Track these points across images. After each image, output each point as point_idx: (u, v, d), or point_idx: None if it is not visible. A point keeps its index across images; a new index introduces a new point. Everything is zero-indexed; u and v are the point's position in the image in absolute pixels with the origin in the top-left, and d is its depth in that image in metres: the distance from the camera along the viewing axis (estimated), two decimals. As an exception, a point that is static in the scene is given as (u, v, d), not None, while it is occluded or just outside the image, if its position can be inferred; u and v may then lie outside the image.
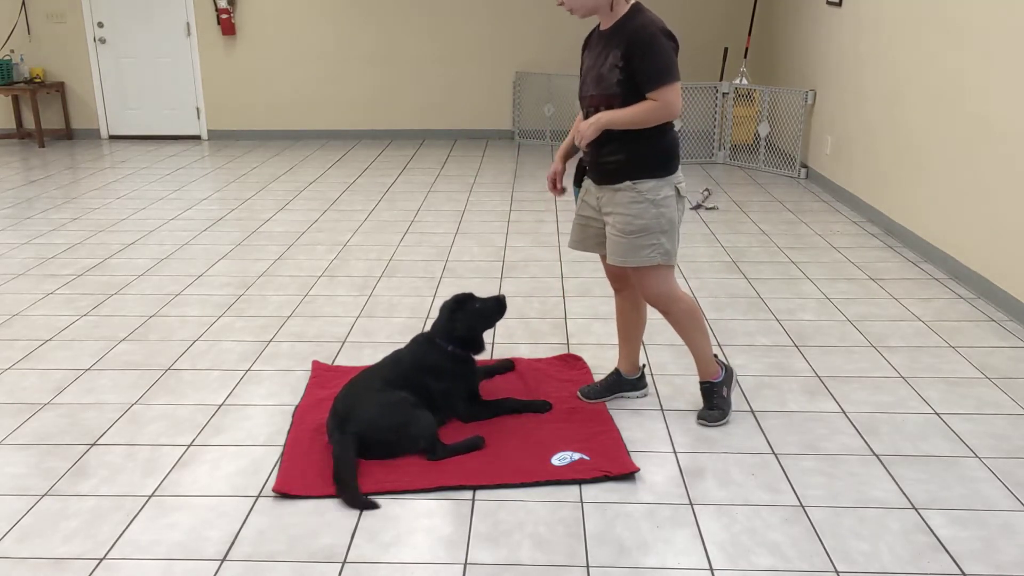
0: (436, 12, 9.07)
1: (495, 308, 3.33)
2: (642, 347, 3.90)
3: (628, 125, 2.86)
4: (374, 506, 2.69)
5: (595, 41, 2.99)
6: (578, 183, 3.19)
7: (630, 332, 3.38)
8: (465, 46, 9.16)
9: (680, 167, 3.02)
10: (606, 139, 2.90)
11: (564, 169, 3.22)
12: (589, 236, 3.20)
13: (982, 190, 4.56)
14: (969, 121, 4.71)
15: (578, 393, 3.41)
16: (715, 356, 3.29)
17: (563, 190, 3.24)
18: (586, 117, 2.97)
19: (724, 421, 3.22)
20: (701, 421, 3.22)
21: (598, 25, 3.00)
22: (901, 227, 5.53)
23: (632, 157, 2.92)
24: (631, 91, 2.83)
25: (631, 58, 2.80)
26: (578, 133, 2.93)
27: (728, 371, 3.33)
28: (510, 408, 3.26)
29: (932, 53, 5.16)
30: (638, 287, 3.14)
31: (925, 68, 5.25)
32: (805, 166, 7.44)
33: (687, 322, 3.19)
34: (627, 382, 3.42)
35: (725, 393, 3.27)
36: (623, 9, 2.88)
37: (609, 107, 2.88)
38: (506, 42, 9.13)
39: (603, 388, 3.41)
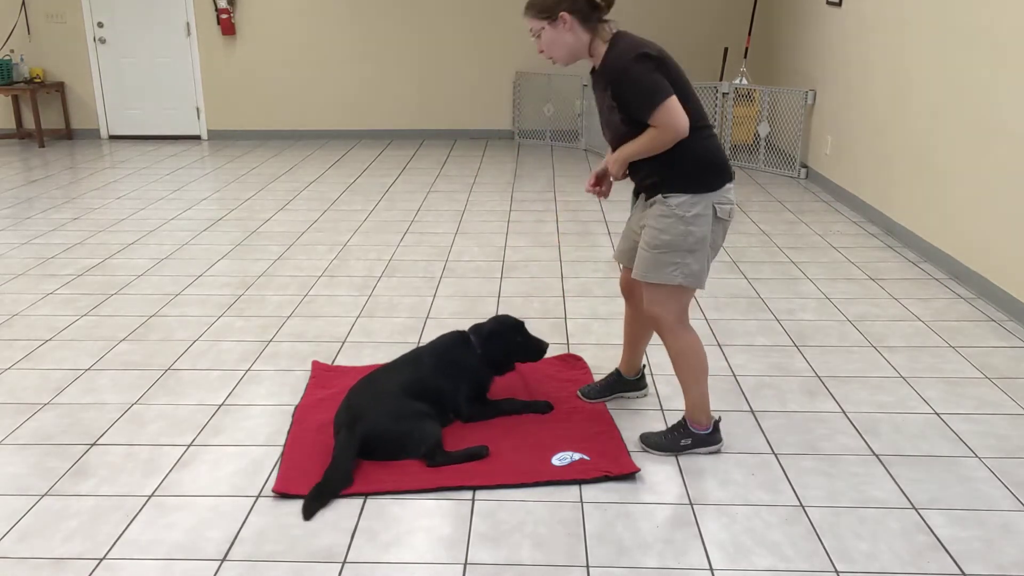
0: (436, 12, 9.07)
1: (533, 351, 3.34)
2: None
3: (643, 155, 2.76)
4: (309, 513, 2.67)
5: (593, 83, 2.90)
6: (635, 194, 3.06)
7: (637, 339, 3.31)
8: (465, 46, 9.16)
9: (728, 188, 2.81)
10: (639, 166, 2.82)
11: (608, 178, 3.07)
12: (628, 248, 3.06)
13: (982, 190, 4.56)
14: (969, 121, 4.71)
15: (578, 393, 3.40)
16: (717, 420, 3.04)
17: (604, 192, 3.09)
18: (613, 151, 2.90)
19: (662, 453, 3.00)
20: (643, 440, 3.05)
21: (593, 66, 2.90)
22: (901, 227, 5.53)
23: (665, 176, 2.78)
24: (636, 125, 2.73)
25: (618, 96, 2.73)
26: (610, 175, 2.92)
27: (713, 439, 3.01)
28: (511, 409, 3.26)
29: (932, 53, 5.16)
30: (645, 301, 2.94)
31: (925, 68, 5.25)
32: (805, 166, 7.44)
33: (683, 361, 2.96)
34: (627, 382, 3.40)
35: (686, 443, 2.99)
36: (602, 48, 2.79)
37: (624, 141, 2.80)
38: (506, 42, 9.13)
39: (603, 388, 3.39)
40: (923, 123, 5.25)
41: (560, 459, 2.94)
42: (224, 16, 8.99)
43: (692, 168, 2.76)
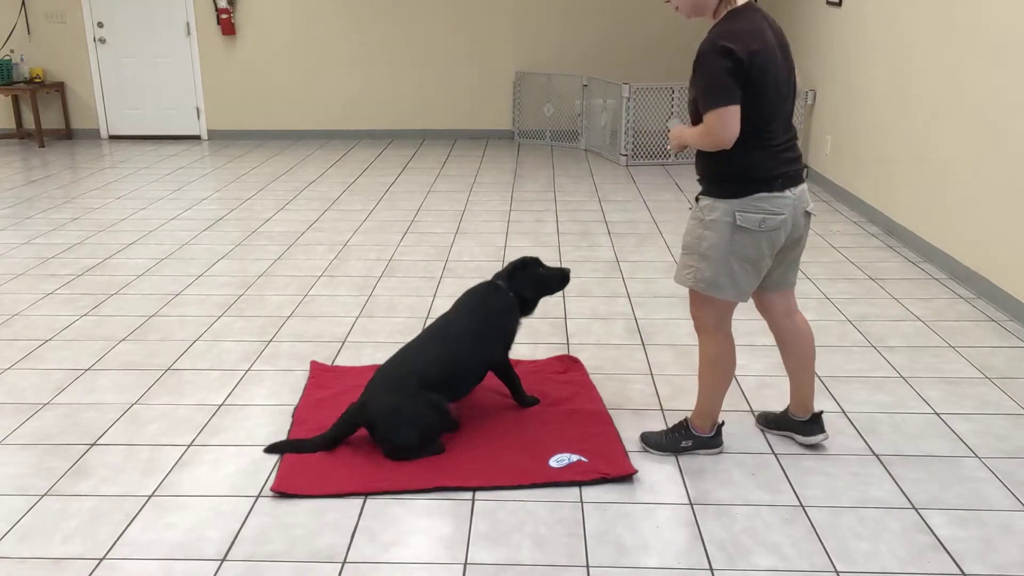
0: (436, 12, 9.07)
1: (557, 279, 3.36)
2: (659, 347, 3.90)
3: (695, 146, 2.71)
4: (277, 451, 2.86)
5: None
6: None
7: (792, 372, 3.04)
8: (465, 46, 9.16)
9: (766, 197, 2.66)
10: (697, 151, 2.76)
11: None
12: None
13: (982, 190, 4.56)
14: (969, 121, 4.71)
15: (757, 424, 3.21)
16: (720, 424, 3.03)
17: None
18: None
19: (663, 453, 3.01)
20: (643, 439, 3.05)
21: None
22: (901, 227, 5.53)
23: (705, 173, 2.76)
24: (698, 109, 2.67)
25: (693, 74, 2.63)
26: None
27: (714, 443, 3.01)
28: (517, 386, 3.30)
29: (932, 53, 5.16)
30: (690, 302, 2.92)
31: (925, 68, 5.25)
32: (805, 166, 7.42)
33: (710, 368, 2.91)
34: (793, 423, 3.10)
35: (686, 445, 3.00)
36: (721, 15, 2.67)
37: (693, 121, 2.75)
38: (506, 42, 9.13)
39: (776, 419, 3.17)
40: (923, 123, 5.25)
41: (558, 460, 2.94)
42: (224, 16, 8.98)
43: (723, 173, 2.69)
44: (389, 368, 3.11)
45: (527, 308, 3.36)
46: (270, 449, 3.01)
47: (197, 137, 9.49)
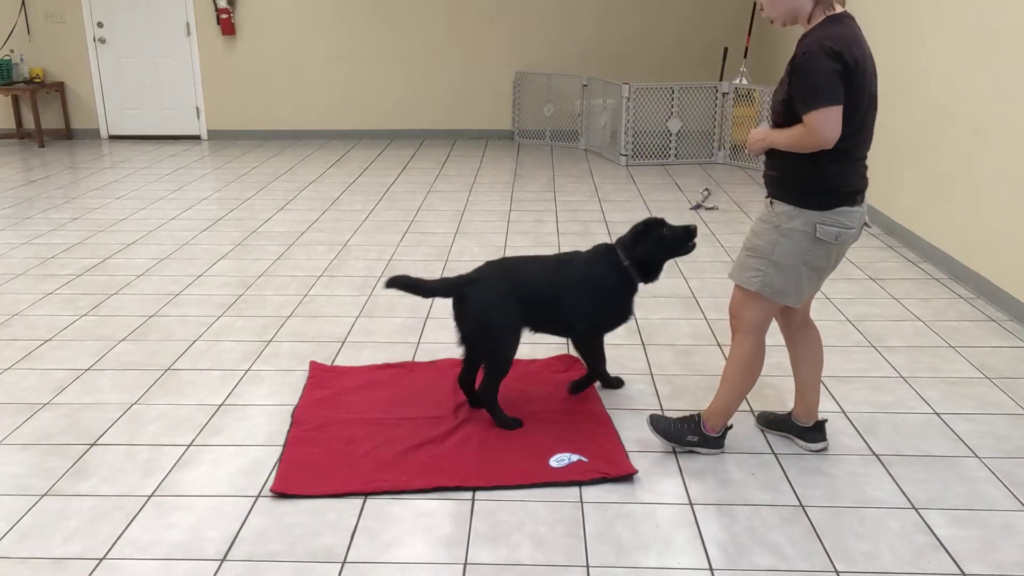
0: (436, 12, 9.07)
1: (682, 237, 3.24)
2: (652, 349, 3.91)
3: (782, 147, 2.67)
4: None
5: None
6: None
7: (810, 374, 3.03)
8: (465, 46, 9.16)
9: (840, 211, 2.66)
10: (772, 154, 2.76)
11: None
12: None
13: (982, 190, 4.56)
14: (968, 121, 4.71)
15: (757, 424, 3.21)
16: (728, 427, 3.03)
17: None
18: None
19: (665, 440, 3.00)
20: (652, 421, 3.03)
21: None
22: (901, 227, 5.53)
23: (780, 176, 2.73)
24: (791, 111, 2.63)
25: (792, 76, 2.60)
26: (748, 143, 2.80)
27: (718, 443, 3.02)
28: (602, 367, 3.39)
29: (931, 54, 5.16)
30: (732, 296, 2.90)
31: (924, 68, 5.25)
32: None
33: (739, 369, 2.90)
34: (797, 427, 3.11)
35: (692, 439, 2.99)
36: (818, 20, 2.64)
37: (775, 123, 2.73)
38: (506, 42, 9.13)
39: (777, 421, 3.18)
40: (923, 123, 5.25)
41: (558, 460, 2.94)
42: (224, 16, 8.99)
43: (806, 185, 2.66)
44: (510, 266, 3.22)
45: (651, 274, 3.27)
46: (390, 283, 3.20)
47: (197, 137, 9.49)
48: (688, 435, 3.00)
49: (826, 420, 3.09)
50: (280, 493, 2.77)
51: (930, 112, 5.16)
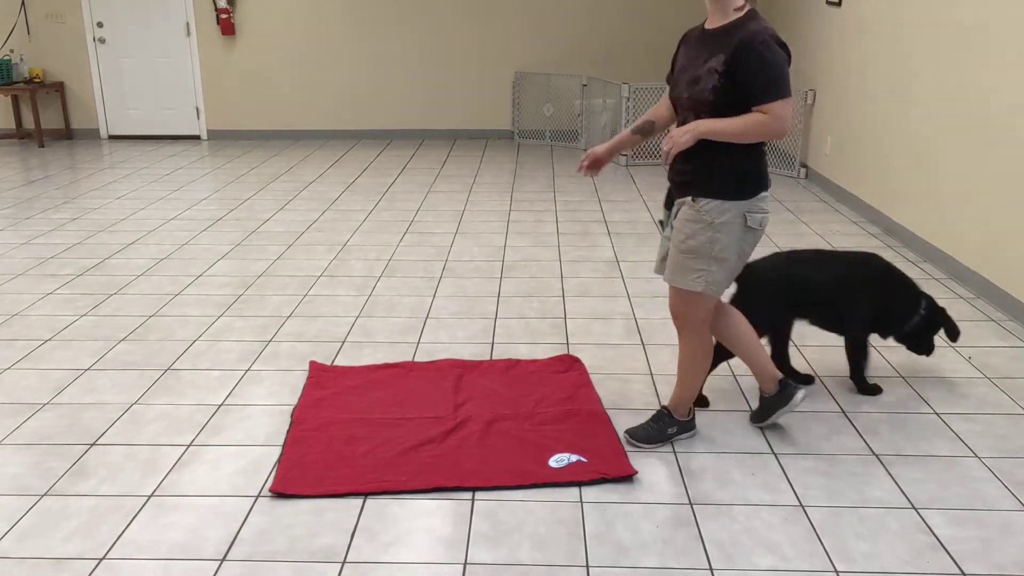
0: (436, 12, 9.07)
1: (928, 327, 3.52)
2: (650, 348, 3.91)
3: (729, 137, 2.64)
4: None
5: (696, 40, 2.78)
6: (668, 206, 2.94)
7: (747, 349, 3.08)
8: (465, 46, 9.16)
9: (764, 197, 2.75)
10: (683, 155, 2.71)
11: (606, 160, 3.01)
12: (664, 258, 2.98)
13: (982, 190, 4.56)
14: (969, 121, 4.71)
15: (752, 422, 3.21)
16: (692, 409, 3.12)
17: (594, 170, 3.01)
18: (681, 123, 2.76)
19: (652, 445, 3.04)
20: (628, 433, 3.07)
21: (702, 23, 2.80)
22: (901, 227, 5.53)
23: (703, 172, 2.72)
24: (727, 100, 2.63)
25: (739, 66, 2.59)
26: (671, 141, 2.66)
27: (692, 425, 3.11)
28: (863, 369, 3.49)
29: (932, 53, 5.16)
30: (672, 301, 2.92)
31: (925, 68, 5.25)
32: (805, 166, 7.44)
33: (694, 362, 2.98)
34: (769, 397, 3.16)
35: (672, 431, 3.06)
36: (733, 13, 2.68)
37: (698, 114, 2.69)
38: (506, 42, 9.13)
39: (761, 412, 3.19)
40: (922, 122, 5.25)
41: (557, 460, 2.94)
42: (224, 16, 8.98)
43: (738, 176, 2.71)
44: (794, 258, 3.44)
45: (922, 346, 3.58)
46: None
47: (197, 137, 9.49)
48: (667, 428, 3.08)
49: (783, 377, 3.12)
50: (279, 493, 2.77)
51: (930, 111, 5.16)
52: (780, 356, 3.50)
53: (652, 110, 2.99)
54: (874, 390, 3.46)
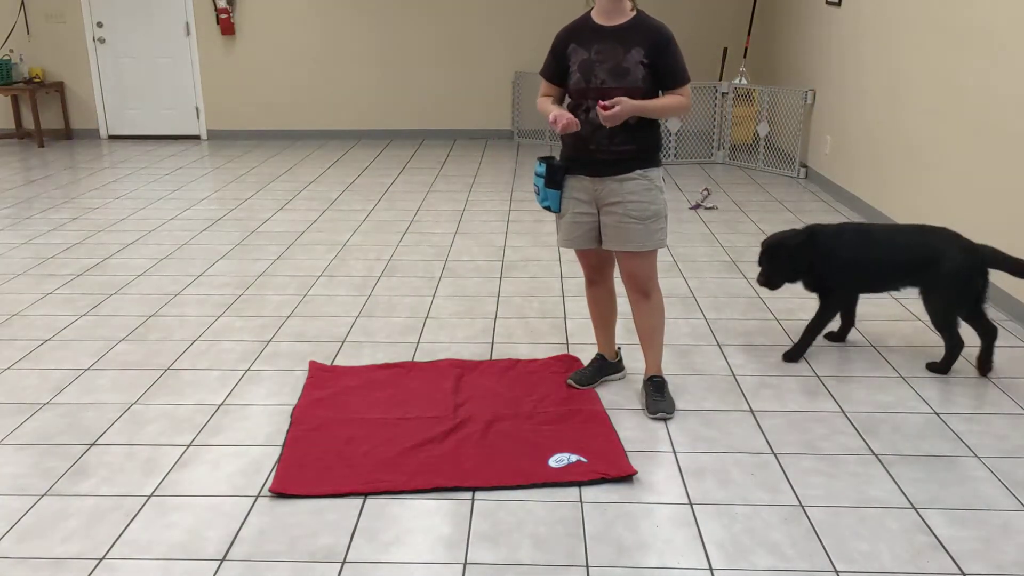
0: (435, 12, 9.07)
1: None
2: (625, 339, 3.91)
3: (656, 115, 3.08)
4: None
5: (592, 36, 3.11)
6: (556, 185, 3.23)
7: (609, 319, 3.52)
8: (465, 46, 9.16)
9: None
10: (618, 130, 3.06)
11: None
12: (583, 232, 3.27)
13: (982, 190, 4.56)
14: (969, 121, 4.72)
15: (569, 381, 3.49)
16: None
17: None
18: (587, 110, 3.07)
19: (671, 415, 3.28)
20: (661, 414, 3.25)
21: (586, 20, 3.16)
22: (901, 227, 5.53)
23: (641, 147, 3.12)
24: (651, 87, 3.06)
25: (660, 59, 3.04)
26: (606, 116, 2.95)
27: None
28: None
29: (932, 52, 5.16)
30: (635, 271, 3.24)
31: (925, 68, 5.25)
32: (804, 166, 7.44)
33: (660, 314, 3.36)
34: (610, 365, 3.57)
35: (668, 393, 3.38)
36: (629, 11, 3.11)
37: (634, 96, 3.01)
38: (505, 42, 9.13)
39: (593, 373, 3.53)
40: (922, 122, 5.26)
41: (557, 460, 2.94)
42: (224, 16, 8.98)
43: (657, 146, 3.19)
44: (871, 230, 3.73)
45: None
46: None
47: (196, 137, 9.49)
48: (666, 387, 3.38)
49: (620, 348, 3.61)
50: (279, 493, 2.77)
51: (929, 111, 5.16)
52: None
53: (549, 102, 3.26)
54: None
